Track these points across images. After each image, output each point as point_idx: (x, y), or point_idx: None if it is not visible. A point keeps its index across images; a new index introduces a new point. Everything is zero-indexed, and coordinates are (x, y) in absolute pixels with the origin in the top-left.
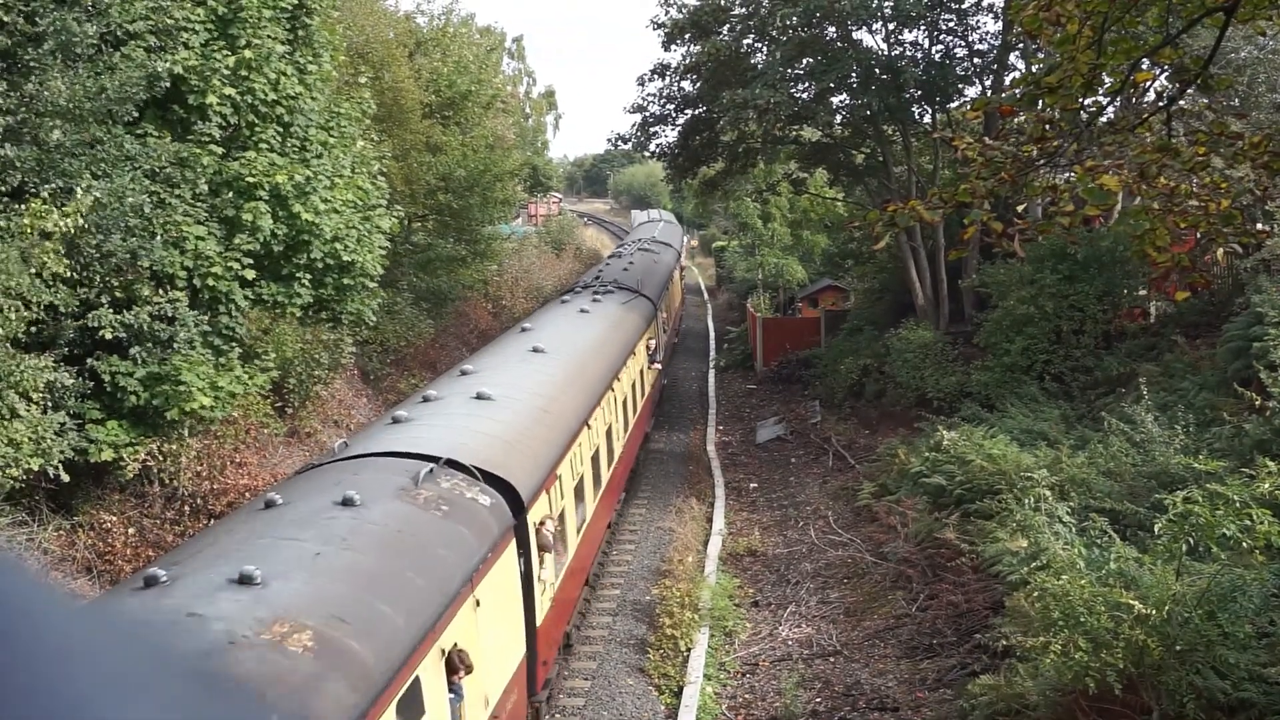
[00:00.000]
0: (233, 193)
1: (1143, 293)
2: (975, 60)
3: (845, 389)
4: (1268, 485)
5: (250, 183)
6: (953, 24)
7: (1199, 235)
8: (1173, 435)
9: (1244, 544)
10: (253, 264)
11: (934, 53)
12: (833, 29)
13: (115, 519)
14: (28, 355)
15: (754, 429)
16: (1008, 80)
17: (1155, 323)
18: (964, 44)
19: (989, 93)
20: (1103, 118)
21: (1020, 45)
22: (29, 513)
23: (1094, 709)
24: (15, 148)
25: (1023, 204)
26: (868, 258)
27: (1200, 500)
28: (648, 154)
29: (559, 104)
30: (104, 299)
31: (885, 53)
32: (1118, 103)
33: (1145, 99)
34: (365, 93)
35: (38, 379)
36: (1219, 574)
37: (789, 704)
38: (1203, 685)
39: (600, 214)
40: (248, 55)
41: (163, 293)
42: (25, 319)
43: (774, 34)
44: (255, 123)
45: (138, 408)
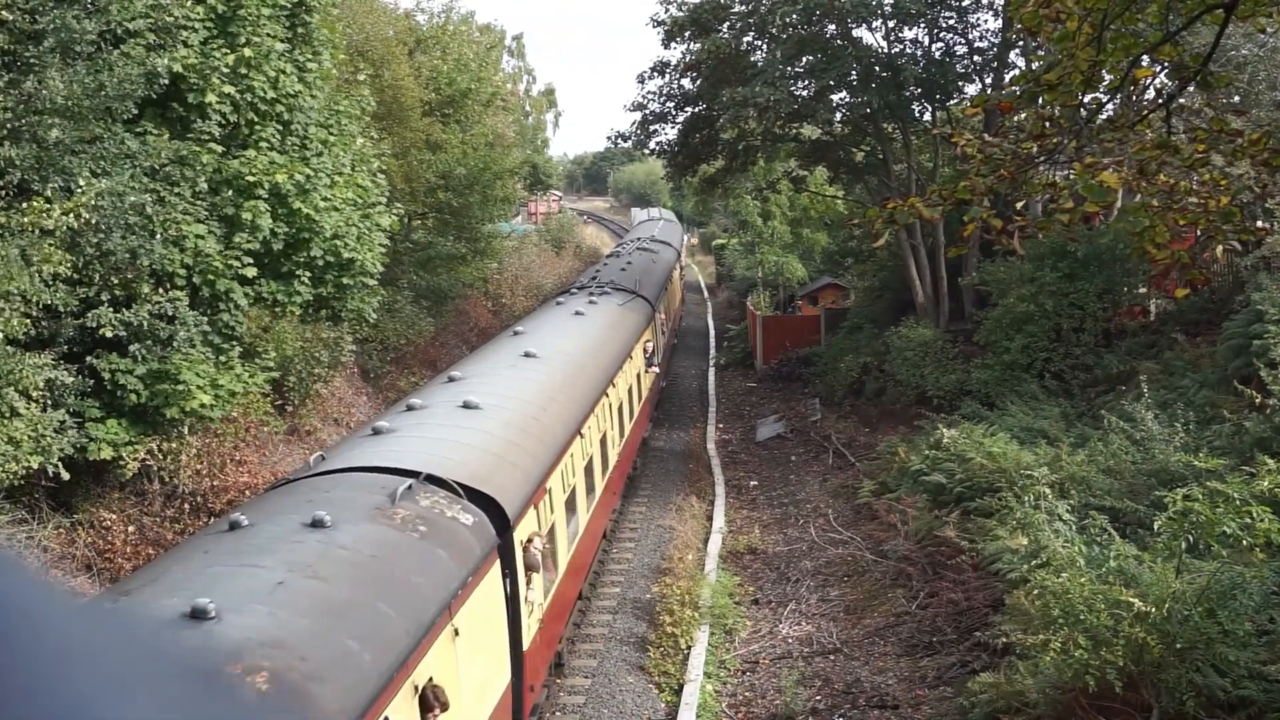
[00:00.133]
0: (232, 191)
1: (1143, 290)
2: (975, 58)
3: (845, 387)
4: (1268, 483)
5: (250, 181)
6: (953, 21)
7: (1199, 232)
8: (1173, 433)
9: (1244, 542)
10: (253, 262)
11: (934, 50)
12: (833, 26)
13: (115, 517)
14: (28, 353)
15: (754, 427)
16: (1007, 77)
17: (1155, 320)
18: (964, 41)
19: (989, 90)
20: (1102, 115)
21: (1020, 42)
22: (29, 510)
23: (1094, 706)
24: (14, 146)
25: (1022, 201)
26: (868, 256)
27: (1200, 498)
28: (647, 152)
29: (559, 102)
30: (104, 297)
31: (885, 50)
32: (1117, 100)
33: (1145, 96)
34: (365, 90)
35: (37, 376)
36: (1219, 572)
37: (789, 702)
38: (1203, 683)
39: (600, 212)
40: (247, 53)
41: (163, 291)
42: (24, 314)
43: (774, 32)
44: (255, 121)
45: (138, 406)
